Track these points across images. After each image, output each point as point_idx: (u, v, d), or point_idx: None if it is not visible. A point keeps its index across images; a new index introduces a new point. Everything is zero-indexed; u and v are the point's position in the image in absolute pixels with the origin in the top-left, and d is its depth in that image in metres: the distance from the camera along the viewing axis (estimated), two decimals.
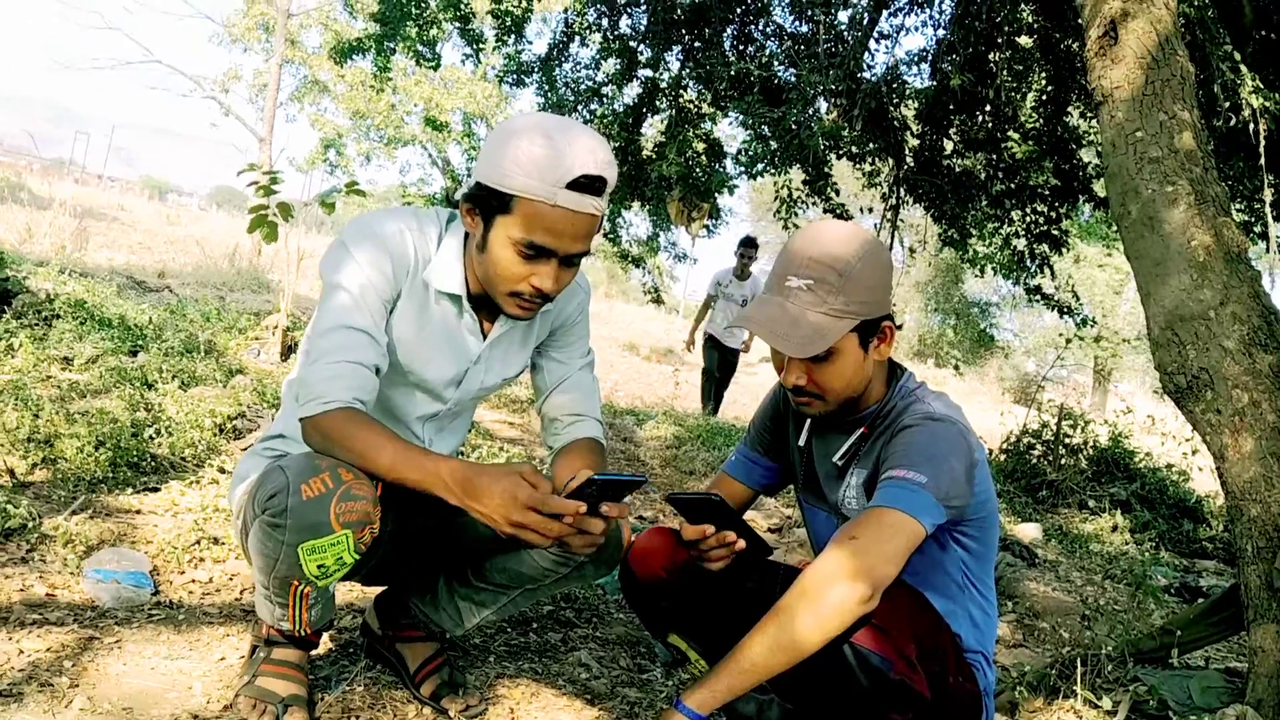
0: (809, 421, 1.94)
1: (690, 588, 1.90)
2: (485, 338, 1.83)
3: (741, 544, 1.74)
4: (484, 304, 1.79)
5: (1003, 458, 6.90)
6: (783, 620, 1.55)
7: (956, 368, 17.19)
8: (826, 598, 1.53)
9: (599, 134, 1.63)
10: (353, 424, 1.58)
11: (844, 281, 1.68)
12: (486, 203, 1.61)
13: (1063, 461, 6.63)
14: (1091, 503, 6.20)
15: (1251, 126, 3.64)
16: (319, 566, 1.60)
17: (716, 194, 7.55)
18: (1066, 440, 6.79)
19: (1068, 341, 7.10)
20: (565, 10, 7.18)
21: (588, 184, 1.56)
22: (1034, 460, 6.74)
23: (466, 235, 1.74)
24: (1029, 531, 5.26)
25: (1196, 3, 4.16)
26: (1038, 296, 6.42)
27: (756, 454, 2.09)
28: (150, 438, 3.32)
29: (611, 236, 7.66)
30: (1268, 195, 3.50)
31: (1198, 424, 2.50)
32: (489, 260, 1.64)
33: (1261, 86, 3.70)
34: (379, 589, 2.19)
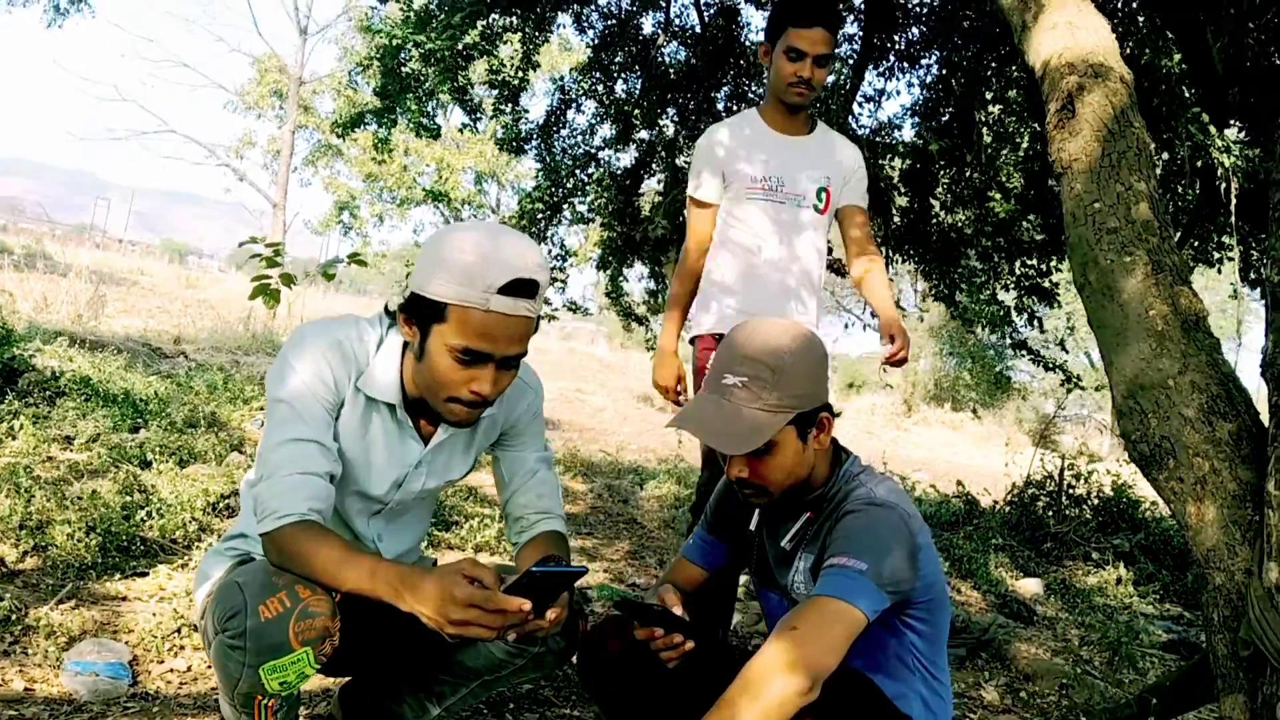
0: None
1: (646, 676, 1.93)
2: (427, 442, 1.87)
3: (689, 645, 1.78)
4: (425, 407, 1.82)
5: (1006, 509, 6.87)
6: (725, 715, 1.57)
7: (975, 411, 17.07)
8: (767, 691, 1.56)
9: (528, 238, 1.69)
10: (305, 537, 1.61)
11: (778, 377, 1.74)
12: (421, 312, 1.65)
13: (1066, 513, 6.58)
14: (1095, 554, 6.14)
15: (1223, 186, 3.68)
16: (281, 683, 1.63)
17: None
18: (1070, 490, 6.75)
19: (1068, 391, 7.10)
20: (561, 79, 7.35)
21: (519, 288, 1.59)
22: (1038, 512, 6.70)
23: (406, 342, 1.79)
24: (1030, 587, 5.22)
25: (1168, 64, 4.23)
26: (1024, 352, 6.45)
27: (713, 537, 2.13)
28: (141, 520, 3.38)
29: (612, 294, 7.76)
30: (1235, 254, 3.52)
31: (1162, 491, 2.51)
32: (428, 368, 1.68)
33: (1230, 145, 3.75)
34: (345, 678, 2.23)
